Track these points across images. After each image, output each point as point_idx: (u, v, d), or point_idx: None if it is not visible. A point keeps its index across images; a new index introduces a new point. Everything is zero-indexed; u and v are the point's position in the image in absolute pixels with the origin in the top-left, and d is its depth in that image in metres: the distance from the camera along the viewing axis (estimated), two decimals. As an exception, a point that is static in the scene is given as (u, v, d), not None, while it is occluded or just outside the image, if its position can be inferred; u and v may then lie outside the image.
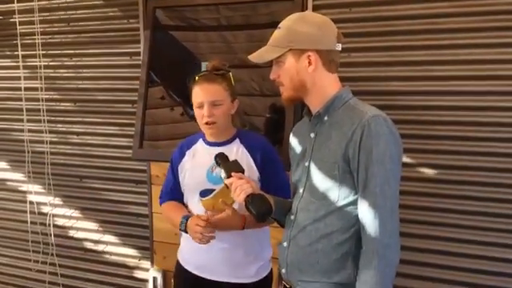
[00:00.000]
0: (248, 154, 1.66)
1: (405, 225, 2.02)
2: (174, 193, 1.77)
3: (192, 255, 1.72)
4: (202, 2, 2.32)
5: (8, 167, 2.96)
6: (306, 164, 1.28)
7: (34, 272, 2.92)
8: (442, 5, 1.92)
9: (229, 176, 1.38)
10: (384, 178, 1.16)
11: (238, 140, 1.69)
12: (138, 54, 2.49)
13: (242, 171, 1.41)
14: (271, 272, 1.76)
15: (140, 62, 2.47)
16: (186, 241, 1.74)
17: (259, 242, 1.74)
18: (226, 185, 1.40)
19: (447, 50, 1.93)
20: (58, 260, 2.83)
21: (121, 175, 2.66)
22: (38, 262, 2.88)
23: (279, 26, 1.28)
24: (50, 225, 2.79)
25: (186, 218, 1.65)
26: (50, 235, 2.80)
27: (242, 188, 1.33)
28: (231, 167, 1.41)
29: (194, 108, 1.66)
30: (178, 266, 1.79)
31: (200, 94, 1.62)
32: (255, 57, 1.29)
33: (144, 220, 2.61)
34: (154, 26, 2.42)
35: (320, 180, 1.24)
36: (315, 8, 2.09)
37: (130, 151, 2.49)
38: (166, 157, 2.42)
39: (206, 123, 1.61)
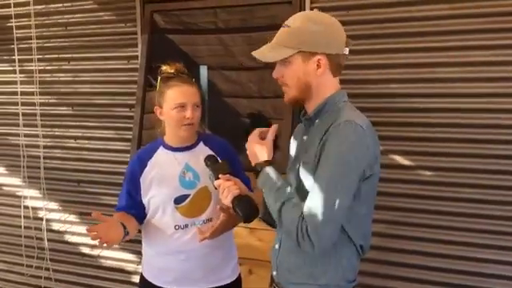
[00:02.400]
0: (215, 155, 1.60)
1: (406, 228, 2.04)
2: (129, 208, 1.60)
3: (169, 271, 1.62)
4: (200, 6, 2.33)
5: (3, 172, 2.93)
6: (297, 167, 1.27)
7: (28, 277, 2.89)
8: (437, 7, 1.93)
9: (216, 178, 1.36)
10: (328, 175, 1.13)
11: (202, 143, 1.65)
12: (136, 57, 2.49)
13: (230, 172, 1.38)
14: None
15: (137, 66, 2.46)
16: (158, 259, 1.64)
17: (232, 240, 1.73)
18: (214, 187, 1.39)
19: (445, 52, 1.94)
20: (53, 265, 2.80)
21: (118, 179, 2.64)
22: (31, 266, 2.85)
23: (287, 24, 1.23)
24: (44, 230, 2.77)
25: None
26: (45, 240, 2.77)
27: (229, 190, 1.32)
28: (219, 169, 1.39)
29: (167, 108, 1.55)
30: (144, 281, 1.68)
31: (182, 95, 1.55)
32: (260, 54, 1.25)
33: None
34: (152, 30, 2.42)
35: (304, 182, 1.22)
36: (312, 10, 2.09)
37: (128, 155, 2.47)
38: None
39: (188, 124, 1.55)
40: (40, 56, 2.67)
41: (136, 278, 2.66)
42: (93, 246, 2.75)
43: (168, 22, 2.47)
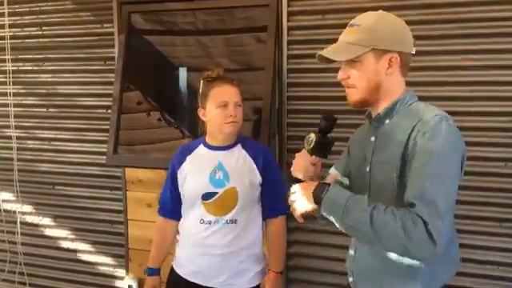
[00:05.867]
0: (251, 159, 1.72)
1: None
2: (171, 200, 1.79)
3: (189, 262, 1.75)
4: (178, 7, 2.33)
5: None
6: (367, 169, 1.22)
7: (1, 281, 2.82)
8: (411, 12, 1.98)
9: (311, 153, 1.25)
10: (433, 170, 1.06)
11: (239, 145, 1.74)
12: (113, 58, 2.47)
13: (324, 156, 1.29)
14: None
15: (114, 67, 2.44)
16: (183, 248, 1.78)
17: (259, 249, 1.77)
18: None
19: (433, 56, 1.94)
20: (27, 269, 2.75)
21: (95, 181, 2.61)
22: (3, 271, 2.78)
23: (354, 23, 1.19)
24: (18, 233, 2.71)
25: (151, 272, 1.83)
26: (19, 244, 2.71)
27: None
28: (321, 146, 1.26)
29: (211, 108, 1.67)
30: (173, 273, 1.80)
31: (225, 94, 1.66)
32: (331, 53, 1.19)
33: (119, 227, 2.57)
34: (129, 31, 2.41)
35: (381, 184, 1.17)
36: (290, 14, 2.13)
37: (104, 157, 2.45)
38: (141, 162, 2.41)
39: (232, 122, 1.65)
40: (14, 56, 2.62)
41: (115, 282, 2.64)
42: (69, 250, 2.70)
43: (146, 22, 2.46)
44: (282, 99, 2.17)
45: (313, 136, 1.27)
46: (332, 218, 1.13)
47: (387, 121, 1.20)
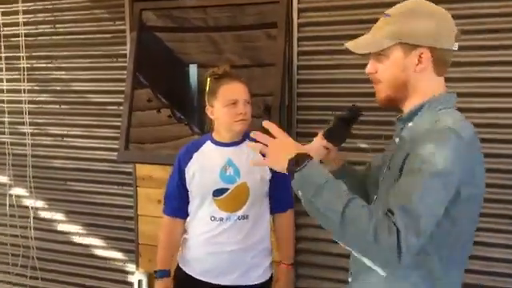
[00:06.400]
0: (260, 155, 1.67)
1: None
2: (177, 198, 1.76)
3: (199, 260, 1.73)
4: (189, 5, 2.34)
5: (-11, 170, 2.91)
6: (384, 170, 1.16)
7: (14, 276, 2.86)
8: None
9: (325, 136, 1.28)
10: (415, 188, 0.96)
11: (247, 141, 1.68)
12: (124, 55, 2.50)
13: (335, 143, 1.30)
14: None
15: (126, 64, 2.47)
16: (191, 247, 1.75)
17: (267, 242, 1.77)
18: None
19: None
20: (40, 264, 2.78)
21: (106, 177, 2.64)
22: (16, 265, 2.83)
23: (387, 12, 1.10)
24: (31, 228, 2.75)
25: (162, 275, 1.78)
26: (32, 238, 2.75)
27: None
28: (331, 131, 1.29)
29: (219, 106, 1.64)
30: (179, 271, 1.78)
31: (234, 91, 1.64)
32: (354, 46, 1.12)
33: (129, 223, 2.59)
34: (141, 28, 2.43)
35: (386, 190, 1.07)
36: (300, 10, 2.13)
37: (115, 153, 2.47)
38: (152, 159, 2.43)
39: (242, 120, 1.64)
40: (28, 54, 2.66)
41: (125, 277, 2.67)
42: (81, 245, 2.74)
43: (157, 19, 2.48)
44: (292, 96, 2.18)
45: (332, 121, 1.30)
46: (299, 193, 1.03)
47: (410, 124, 1.10)
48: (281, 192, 1.73)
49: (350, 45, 1.13)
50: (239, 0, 2.23)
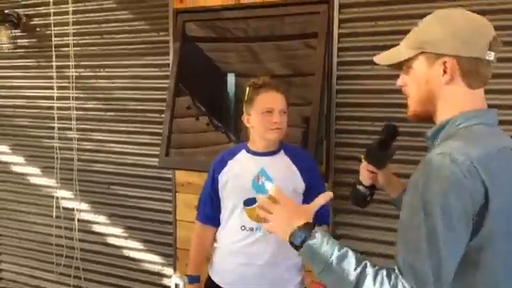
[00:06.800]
0: (294, 166, 1.69)
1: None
2: (209, 206, 1.77)
3: (229, 270, 1.71)
4: (231, 16, 2.40)
5: (39, 173, 3.06)
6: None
7: (57, 275, 2.98)
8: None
9: (366, 158, 1.26)
10: (407, 219, 0.90)
11: (282, 151, 1.71)
12: (167, 65, 2.58)
13: (377, 166, 1.28)
14: None
15: (168, 73, 2.55)
16: (222, 256, 1.74)
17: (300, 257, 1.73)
18: None
19: None
20: (83, 264, 2.89)
21: (147, 182, 2.72)
22: (60, 265, 2.95)
23: (418, 23, 1.05)
24: (76, 229, 2.86)
25: (192, 280, 1.79)
26: (76, 240, 2.87)
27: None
28: (370, 154, 1.27)
29: (255, 114, 1.66)
30: (209, 279, 1.78)
31: (270, 100, 1.65)
32: (380, 58, 1.10)
33: (168, 227, 2.66)
34: (183, 39, 2.51)
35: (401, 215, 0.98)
36: (341, 21, 2.14)
37: (156, 159, 2.55)
38: (191, 165, 2.49)
39: (276, 129, 1.63)
40: (76, 63, 2.79)
41: (162, 280, 2.73)
42: (122, 247, 2.83)
43: (199, 30, 2.56)
44: (331, 105, 2.18)
45: (372, 143, 1.28)
46: (310, 265, 1.00)
47: (437, 142, 1.00)
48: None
49: (376, 57, 1.11)
50: (280, 11, 2.26)
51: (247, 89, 1.73)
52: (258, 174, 1.66)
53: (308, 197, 1.69)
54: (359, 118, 2.14)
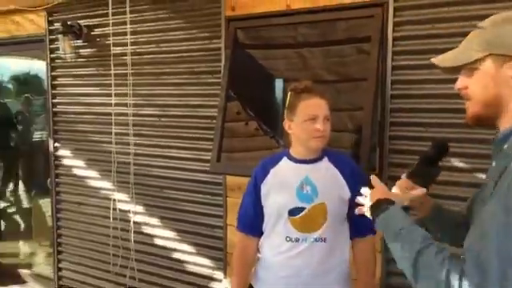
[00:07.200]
0: (339, 173, 1.62)
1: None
2: (252, 215, 1.70)
3: (273, 282, 1.65)
4: (282, 22, 2.41)
5: (97, 176, 3.21)
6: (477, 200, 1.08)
7: (113, 275, 3.11)
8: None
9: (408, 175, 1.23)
10: (497, 223, 0.87)
11: (326, 158, 1.64)
12: (219, 72, 2.63)
13: (422, 184, 1.22)
14: None
15: (220, 80, 2.59)
16: (265, 267, 1.68)
17: (345, 268, 1.68)
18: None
19: None
20: (138, 265, 3.00)
21: (198, 187, 2.78)
22: (116, 265, 3.07)
23: (480, 25, 1.03)
24: (132, 231, 2.98)
25: None
26: (131, 241, 2.98)
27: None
28: (416, 172, 1.22)
29: (298, 121, 1.59)
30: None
31: (314, 107, 1.58)
32: (441, 60, 1.07)
33: (218, 231, 2.70)
34: (235, 46, 2.55)
35: (475, 226, 0.97)
36: (396, 24, 2.08)
37: (208, 164, 2.60)
38: (241, 171, 2.51)
39: (320, 136, 1.57)
40: (134, 71, 2.91)
41: (212, 284, 2.77)
42: (174, 250, 2.90)
43: (249, 37, 2.59)
44: (385, 111, 2.13)
45: (418, 161, 1.22)
46: (383, 234, 1.09)
47: (505, 146, 0.98)
48: (361, 215, 1.62)
49: (436, 59, 1.08)
50: (332, 16, 2.23)
51: (288, 93, 1.66)
52: (303, 183, 1.60)
53: (354, 207, 1.62)
54: (414, 124, 2.08)
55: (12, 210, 4.79)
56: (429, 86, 2.03)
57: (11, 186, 4.94)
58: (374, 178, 1.19)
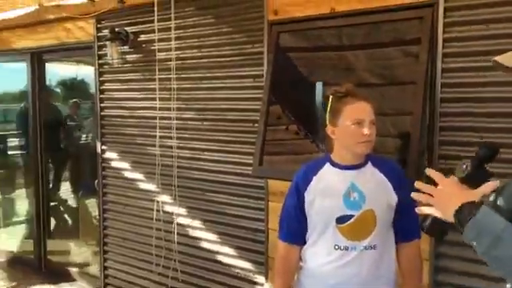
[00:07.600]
0: (385, 178, 1.59)
1: None
2: (295, 223, 1.65)
3: None
4: (325, 25, 2.38)
5: (142, 178, 3.29)
6: None
7: (156, 275, 3.17)
8: None
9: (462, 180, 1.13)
10: None
11: (370, 163, 1.61)
12: (261, 76, 2.63)
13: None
14: None
15: (262, 84, 2.60)
16: (310, 278, 1.65)
17: (392, 274, 1.65)
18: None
19: None
20: (180, 267, 3.04)
21: (240, 190, 2.79)
22: (159, 265, 3.13)
23: None
24: (175, 233, 3.03)
25: None
26: (174, 243, 3.03)
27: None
28: (473, 175, 1.14)
29: (343, 126, 1.56)
30: None
31: (360, 111, 1.54)
32: (505, 59, 1.06)
33: (260, 235, 2.70)
34: (277, 50, 2.54)
35: None
36: (446, 25, 2.01)
37: (250, 168, 2.60)
38: (283, 175, 2.49)
39: (366, 141, 1.53)
40: (177, 75, 2.97)
41: (253, 287, 2.77)
42: (216, 253, 2.93)
43: (291, 40, 2.58)
44: (435, 115, 2.06)
45: (468, 163, 1.14)
46: (473, 243, 0.95)
47: None
48: (407, 219, 1.57)
49: (499, 58, 1.04)
50: (379, 18, 2.18)
51: (330, 98, 1.62)
52: (349, 190, 1.56)
53: (400, 210, 1.59)
54: (466, 129, 1.99)
55: (60, 209, 4.99)
56: (480, 89, 1.95)
57: (60, 186, 5.15)
58: (434, 175, 1.08)
